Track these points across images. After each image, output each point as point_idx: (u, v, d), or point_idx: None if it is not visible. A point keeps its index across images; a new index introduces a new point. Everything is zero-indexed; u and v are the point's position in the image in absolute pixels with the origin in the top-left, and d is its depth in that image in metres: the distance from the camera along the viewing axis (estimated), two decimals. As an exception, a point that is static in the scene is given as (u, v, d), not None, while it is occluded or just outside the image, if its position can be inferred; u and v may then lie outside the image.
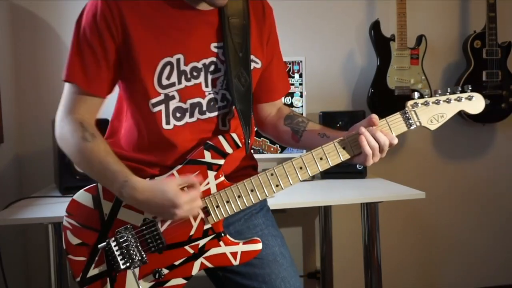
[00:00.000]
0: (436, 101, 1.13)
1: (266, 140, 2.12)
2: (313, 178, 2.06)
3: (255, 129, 1.37)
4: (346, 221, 2.48)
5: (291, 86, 2.16)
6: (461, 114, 2.65)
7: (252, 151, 1.32)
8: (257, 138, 2.12)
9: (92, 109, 1.14)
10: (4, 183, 2.06)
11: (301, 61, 2.16)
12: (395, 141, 1.10)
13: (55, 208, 1.64)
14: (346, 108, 2.50)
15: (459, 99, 1.14)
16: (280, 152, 2.14)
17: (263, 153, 2.13)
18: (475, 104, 1.14)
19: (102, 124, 1.21)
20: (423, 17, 2.53)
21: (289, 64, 2.15)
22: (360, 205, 1.83)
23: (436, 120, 1.13)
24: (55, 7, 2.22)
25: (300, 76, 2.17)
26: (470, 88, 1.15)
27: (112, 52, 1.10)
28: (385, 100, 2.37)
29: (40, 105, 2.22)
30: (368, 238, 1.82)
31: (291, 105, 2.17)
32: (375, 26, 2.38)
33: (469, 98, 1.14)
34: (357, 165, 2.05)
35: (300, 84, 2.17)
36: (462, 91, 1.15)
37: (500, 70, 2.42)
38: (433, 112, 1.13)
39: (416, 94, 1.14)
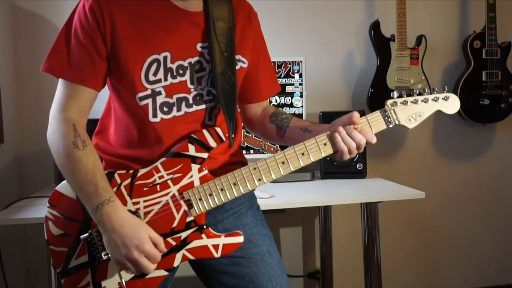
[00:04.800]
0: (414, 101, 1.18)
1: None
2: (313, 178, 2.06)
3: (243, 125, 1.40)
4: (346, 221, 2.48)
5: (291, 86, 2.16)
6: (461, 114, 2.64)
7: (241, 148, 1.37)
8: (257, 138, 2.12)
9: (84, 104, 1.14)
10: (4, 183, 2.06)
11: (301, 61, 2.16)
12: (374, 140, 1.15)
13: (55, 208, 1.63)
14: (346, 108, 2.50)
15: (436, 99, 1.19)
16: (280, 152, 2.14)
17: (263, 153, 2.13)
18: (451, 104, 1.20)
19: (93, 124, 1.21)
20: (423, 17, 2.53)
21: (289, 64, 2.15)
22: (360, 205, 1.83)
23: (414, 119, 1.18)
24: (55, 7, 2.22)
25: (300, 76, 2.17)
26: (446, 89, 1.21)
27: (101, 46, 1.11)
28: (385, 100, 2.37)
29: (40, 105, 2.22)
30: (368, 238, 1.82)
31: (291, 105, 2.17)
32: (375, 26, 2.38)
33: (445, 99, 1.19)
34: (357, 165, 2.06)
35: (300, 84, 2.17)
36: (440, 92, 1.20)
37: (500, 70, 2.42)
38: (411, 111, 1.18)
39: (396, 93, 1.19)
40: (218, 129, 1.17)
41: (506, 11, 2.57)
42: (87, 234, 1.12)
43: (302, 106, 2.16)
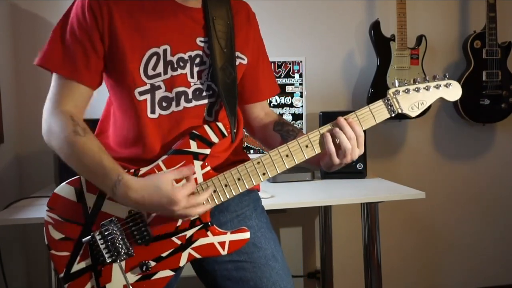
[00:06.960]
0: (416, 89, 1.17)
1: (266, 140, 2.12)
2: (313, 178, 2.06)
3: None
4: (346, 221, 2.48)
5: (291, 86, 2.16)
6: (461, 114, 2.63)
7: (243, 147, 1.36)
8: (257, 138, 2.12)
9: (80, 102, 1.13)
10: (4, 183, 2.06)
11: (301, 61, 2.16)
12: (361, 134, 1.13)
13: (55, 208, 1.63)
14: (346, 108, 2.50)
15: (437, 87, 1.18)
16: (280, 152, 2.14)
17: (263, 153, 2.12)
18: (453, 91, 1.19)
19: (93, 124, 1.21)
20: (423, 17, 2.53)
21: (289, 64, 2.15)
22: (360, 205, 1.83)
23: (417, 107, 1.18)
24: (55, 7, 2.22)
25: (300, 76, 2.17)
26: (447, 76, 1.20)
27: (98, 43, 1.11)
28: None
29: (40, 105, 2.17)
30: (368, 238, 1.82)
31: (291, 105, 2.17)
32: (375, 26, 2.38)
33: (447, 86, 1.19)
34: (357, 165, 2.06)
35: (300, 84, 2.17)
36: (441, 79, 1.20)
37: (500, 70, 2.42)
38: (414, 99, 1.17)
39: (397, 82, 1.18)
40: (220, 124, 1.14)
41: (506, 11, 2.57)
42: (89, 237, 1.10)
43: (302, 106, 2.16)
